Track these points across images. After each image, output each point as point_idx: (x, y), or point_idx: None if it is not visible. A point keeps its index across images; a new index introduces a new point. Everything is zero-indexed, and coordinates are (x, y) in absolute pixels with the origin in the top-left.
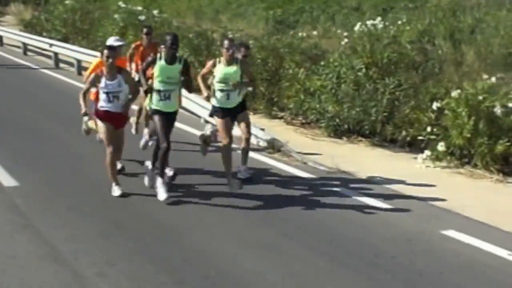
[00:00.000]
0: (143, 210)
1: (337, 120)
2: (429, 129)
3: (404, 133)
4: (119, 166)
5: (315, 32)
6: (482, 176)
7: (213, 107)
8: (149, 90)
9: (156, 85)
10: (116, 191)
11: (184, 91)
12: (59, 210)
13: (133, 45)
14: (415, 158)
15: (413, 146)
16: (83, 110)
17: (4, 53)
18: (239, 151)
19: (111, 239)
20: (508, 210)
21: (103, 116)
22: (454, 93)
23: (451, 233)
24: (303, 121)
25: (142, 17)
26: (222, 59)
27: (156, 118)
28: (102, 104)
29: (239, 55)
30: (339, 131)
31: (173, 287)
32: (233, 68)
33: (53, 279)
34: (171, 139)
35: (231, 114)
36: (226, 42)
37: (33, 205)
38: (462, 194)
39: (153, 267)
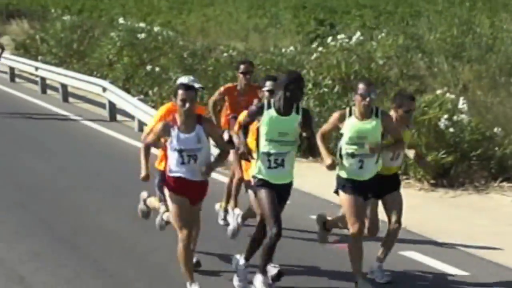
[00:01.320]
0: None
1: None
2: None
3: None
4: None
5: (291, 48)
6: (411, 186)
7: (339, 178)
8: (246, 156)
9: (263, 146)
10: None
11: None
12: None
13: (221, 89)
14: None
15: None
16: (144, 173)
17: None
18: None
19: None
20: None
21: (174, 185)
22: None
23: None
24: None
25: (142, 35)
26: (355, 109)
27: (263, 193)
28: (173, 168)
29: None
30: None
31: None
32: (371, 123)
33: None
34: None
35: (364, 190)
36: (361, 86)
37: None
38: None
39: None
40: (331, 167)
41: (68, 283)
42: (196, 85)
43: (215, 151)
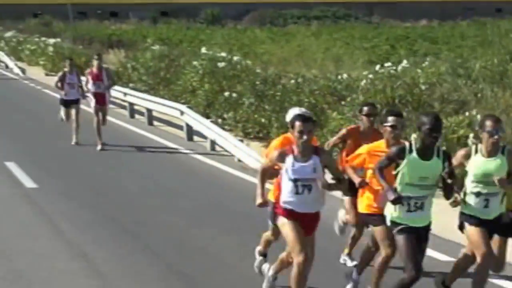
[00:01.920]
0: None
1: None
2: None
3: None
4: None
5: (345, 75)
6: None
7: (462, 215)
8: (398, 200)
9: (402, 189)
10: None
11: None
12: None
13: (343, 131)
14: None
15: None
16: (259, 200)
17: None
18: None
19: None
20: None
21: (287, 216)
22: None
23: None
24: None
25: (222, 64)
26: (481, 147)
27: (401, 238)
28: (286, 199)
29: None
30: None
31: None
32: (497, 161)
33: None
34: None
35: (488, 228)
36: (488, 123)
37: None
38: None
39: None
40: (458, 203)
41: (122, 259)
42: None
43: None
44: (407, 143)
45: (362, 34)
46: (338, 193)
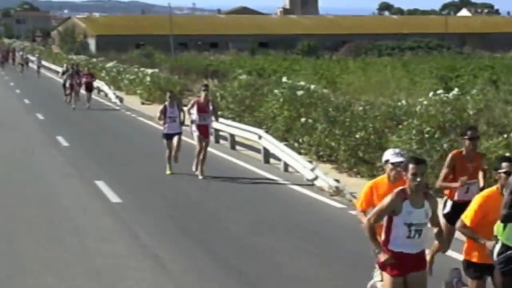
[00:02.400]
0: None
1: None
2: None
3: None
4: None
5: (404, 101)
6: None
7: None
8: None
9: None
10: None
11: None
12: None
13: (450, 155)
14: None
15: None
16: (381, 257)
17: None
18: None
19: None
20: None
21: (395, 262)
22: None
23: None
24: None
25: (300, 92)
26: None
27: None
28: (397, 241)
29: None
30: None
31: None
32: None
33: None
34: None
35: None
36: None
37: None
38: None
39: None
40: None
41: (187, 260)
42: (401, 159)
43: None
44: None
45: (451, 64)
46: None
